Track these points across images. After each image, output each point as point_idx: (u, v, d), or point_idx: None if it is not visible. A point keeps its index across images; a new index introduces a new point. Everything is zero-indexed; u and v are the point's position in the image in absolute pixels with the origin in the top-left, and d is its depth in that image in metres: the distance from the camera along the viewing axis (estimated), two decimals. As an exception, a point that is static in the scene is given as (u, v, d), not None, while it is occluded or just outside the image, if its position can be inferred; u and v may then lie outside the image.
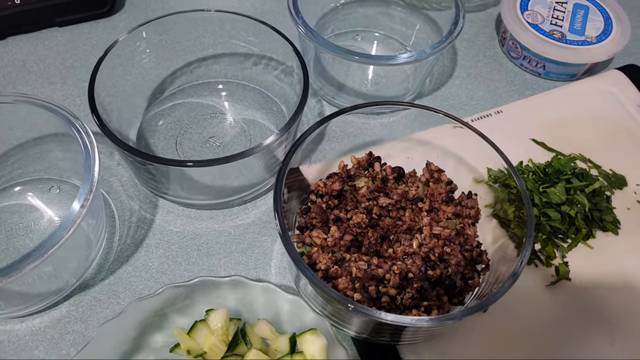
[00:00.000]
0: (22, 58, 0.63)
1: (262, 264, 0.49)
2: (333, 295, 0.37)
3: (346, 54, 0.51)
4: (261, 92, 0.61)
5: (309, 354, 0.40)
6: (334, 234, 0.45)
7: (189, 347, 0.41)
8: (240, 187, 0.51)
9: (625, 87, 0.62)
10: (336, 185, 0.48)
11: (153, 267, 0.49)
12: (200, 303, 0.44)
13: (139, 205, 0.52)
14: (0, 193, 0.52)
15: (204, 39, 0.59)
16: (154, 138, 0.56)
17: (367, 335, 0.43)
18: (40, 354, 0.44)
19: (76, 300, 0.47)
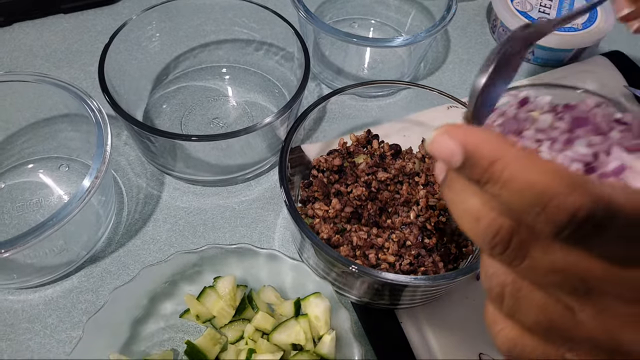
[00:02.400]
0: (29, 43, 0.65)
1: (266, 237, 0.51)
2: (337, 257, 0.39)
3: (345, 36, 0.54)
4: (263, 76, 0.63)
5: (312, 316, 0.42)
6: (335, 205, 0.47)
7: (198, 312, 0.44)
8: (244, 164, 0.53)
9: (610, 72, 0.65)
10: (336, 160, 0.50)
11: (161, 240, 0.51)
12: (207, 272, 0.46)
13: (146, 183, 0.54)
14: (11, 170, 0.53)
15: (207, 25, 0.61)
16: (159, 119, 0.58)
17: (368, 299, 0.45)
18: (54, 322, 0.46)
19: (87, 271, 0.49)
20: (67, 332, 0.45)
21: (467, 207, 0.22)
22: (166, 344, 0.45)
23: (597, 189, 0.19)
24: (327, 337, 0.41)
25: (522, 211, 0.20)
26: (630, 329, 0.21)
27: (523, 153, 0.20)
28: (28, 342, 0.44)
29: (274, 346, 0.42)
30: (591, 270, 0.20)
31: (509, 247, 0.21)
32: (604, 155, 0.25)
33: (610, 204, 0.19)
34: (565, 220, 0.19)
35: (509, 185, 0.20)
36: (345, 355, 0.41)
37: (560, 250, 0.21)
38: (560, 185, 0.19)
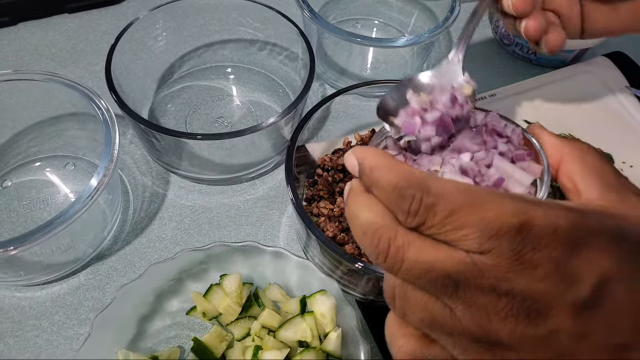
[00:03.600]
0: (34, 43, 0.65)
1: (270, 236, 0.52)
2: (342, 255, 0.39)
3: (349, 36, 0.54)
4: (267, 76, 0.63)
5: (318, 313, 0.42)
6: (340, 204, 0.48)
7: (204, 309, 0.44)
8: (249, 163, 0.54)
9: (611, 72, 0.65)
10: (341, 159, 0.50)
11: (166, 239, 0.51)
12: (214, 269, 0.46)
13: (151, 181, 0.55)
14: (18, 169, 0.54)
15: (211, 25, 0.62)
16: (164, 118, 0.59)
17: (373, 297, 0.46)
18: (61, 318, 0.46)
19: (94, 269, 0.49)
20: (75, 329, 0.45)
21: (359, 222, 0.26)
22: (172, 341, 0.45)
23: (429, 182, 0.24)
24: (333, 335, 0.42)
25: (389, 207, 0.25)
26: (497, 318, 0.23)
27: (391, 161, 0.26)
28: (35, 339, 0.45)
29: (281, 343, 0.42)
30: (452, 264, 0.24)
31: (388, 254, 0.25)
32: (486, 169, 0.31)
33: (434, 194, 0.24)
34: (406, 207, 0.24)
35: (377, 185, 0.26)
36: (351, 352, 0.42)
37: (428, 249, 0.24)
38: (405, 181, 0.24)
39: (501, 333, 0.23)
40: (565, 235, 0.23)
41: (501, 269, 0.23)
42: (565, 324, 0.23)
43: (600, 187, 0.28)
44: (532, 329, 0.23)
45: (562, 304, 0.23)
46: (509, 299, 0.23)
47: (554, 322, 0.23)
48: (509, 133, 0.33)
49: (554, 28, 0.44)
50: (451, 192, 0.24)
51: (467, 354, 0.25)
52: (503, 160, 0.31)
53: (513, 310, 0.23)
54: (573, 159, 0.30)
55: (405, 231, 0.25)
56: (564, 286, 0.23)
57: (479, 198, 0.24)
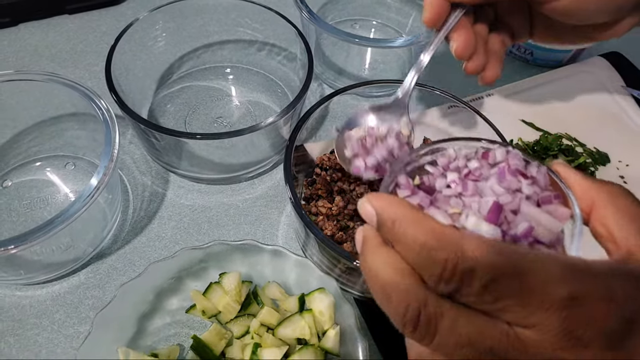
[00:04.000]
0: (34, 43, 0.65)
1: (269, 235, 0.52)
2: (341, 253, 0.40)
3: (347, 36, 0.55)
4: (266, 76, 0.64)
5: (317, 311, 0.43)
6: (338, 203, 0.48)
7: (204, 307, 0.44)
8: (247, 163, 0.54)
9: (608, 72, 0.66)
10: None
11: (166, 238, 0.51)
12: (213, 268, 0.46)
13: (151, 181, 0.55)
14: (18, 169, 0.54)
15: (210, 26, 0.62)
16: (163, 118, 0.59)
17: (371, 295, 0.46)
18: (61, 317, 0.46)
19: (94, 268, 0.49)
20: (75, 327, 0.46)
21: (379, 282, 0.24)
22: (172, 339, 0.46)
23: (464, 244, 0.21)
24: (332, 332, 0.42)
25: (415, 267, 0.23)
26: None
27: (416, 214, 0.23)
28: (36, 337, 0.45)
29: (279, 341, 0.42)
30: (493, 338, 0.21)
31: (418, 325, 0.23)
32: (512, 216, 0.28)
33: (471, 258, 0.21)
34: (438, 271, 0.22)
35: (401, 241, 0.23)
36: (349, 349, 0.42)
37: (465, 321, 0.22)
38: (434, 240, 0.22)
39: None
40: (620, 309, 0.21)
41: (548, 346, 0.21)
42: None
43: (636, 233, 0.26)
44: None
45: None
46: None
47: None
48: (533, 173, 0.30)
49: (491, 65, 0.48)
50: (490, 256, 0.21)
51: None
52: (530, 205, 0.28)
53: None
54: (605, 203, 0.27)
55: (437, 298, 0.22)
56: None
57: (522, 263, 0.21)
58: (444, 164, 0.32)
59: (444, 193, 0.29)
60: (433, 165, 0.32)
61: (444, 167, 0.32)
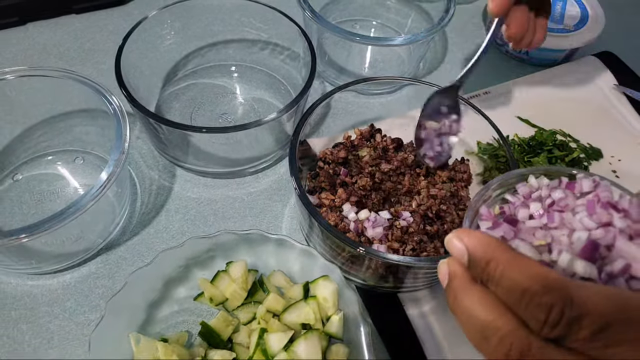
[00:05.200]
0: (42, 42, 0.67)
1: (273, 227, 0.54)
2: (345, 240, 0.41)
3: (349, 35, 0.56)
4: (269, 74, 0.65)
5: (321, 297, 0.44)
6: (341, 195, 0.50)
7: (212, 294, 0.46)
8: (252, 157, 0.56)
9: (600, 71, 0.68)
10: (342, 153, 0.52)
11: (173, 229, 0.53)
12: (220, 257, 0.48)
13: (158, 175, 0.56)
14: (29, 163, 0.55)
15: (215, 25, 0.64)
16: (170, 114, 0.61)
17: (373, 283, 0.48)
18: (72, 305, 0.48)
19: (103, 258, 0.51)
20: (85, 315, 0.47)
21: (476, 323, 0.23)
22: (180, 326, 0.47)
23: (571, 290, 0.21)
24: (335, 318, 0.44)
25: (516, 310, 0.22)
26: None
27: (512, 255, 0.23)
28: (48, 325, 0.46)
29: (285, 326, 0.44)
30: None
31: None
32: (606, 251, 0.27)
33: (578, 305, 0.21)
34: (544, 317, 0.21)
35: (501, 283, 0.23)
36: (352, 334, 0.43)
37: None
38: (538, 285, 0.22)
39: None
40: None
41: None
42: None
43: None
44: None
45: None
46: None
47: None
48: (625, 206, 0.29)
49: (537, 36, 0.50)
50: (599, 303, 0.21)
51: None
52: (624, 240, 0.27)
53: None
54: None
55: (541, 343, 0.22)
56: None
57: (633, 309, 0.21)
58: (525, 194, 0.31)
59: (528, 224, 0.29)
60: (513, 194, 0.31)
61: (525, 196, 0.31)
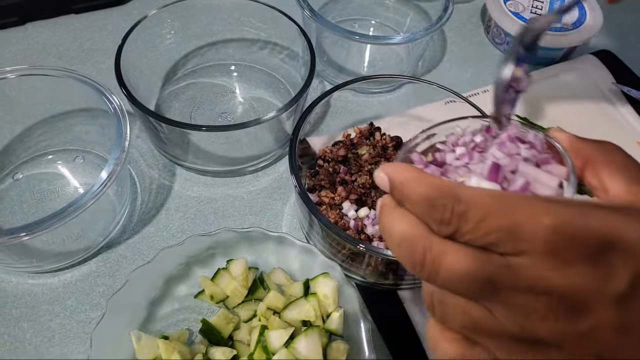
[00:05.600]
0: (42, 42, 0.67)
1: (274, 225, 0.54)
2: (345, 237, 0.42)
3: (348, 33, 0.57)
4: (268, 74, 0.66)
5: (321, 294, 0.45)
6: (340, 193, 0.50)
7: (212, 292, 0.46)
8: (252, 156, 0.56)
9: (598, 70, 0.68)
10: (341, 151, 0.53)
11: (173, 228, 0.53)
12: (220, 255, 0.48)
13: (158, 174, 0.57)
14: (29, 162, 0.55)
15: (214, 25, 0.64)
16: (169, 114, 0.61)
17: (373, 280, 0.48)
18: (73, 304, 0.48)
19: (104, 256, 0.51)
20: (86, 313, 0.47)
21: (393, 236, 0.27)
22: (181, 324, 0.47)
23: (459, 191, 0.25)
24: (336, 314, 0.44)
25: (422, 217, 0.26)
26: (536, 317, 0.23)
27: (419, 174, 0.27)
28: (49, 323, 0.47)
29: (285, 323, 0.44)
30: (489, 268, 0.24)
31: (425, 263, 0.25)
32: (512, 175, 0.30)
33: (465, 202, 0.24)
34: (439, 216, 0.25)
35: (409, 198, 0.27)
36: (352, 331, 0.44)
37: (464, 255, 0.25)
38: (435, 192, 0.25)
39: (542, 332, 0.23)
40: (599, 230, 0.23)
41: (537, 269, 0.23)
42: (607, 318, 0.23)
43: (626, 182, 0.28)
44: (573, 325, 0.23)
45: (602, 299, 0.23)
46: (547, 298, 0.23)
47: (595, 317, 0.23)
48: (531, 139, 0.33)
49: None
50: (482, 199, 0.24)
51: (511, 354, 0.25)
52: (527, 165, 0.31)
53: (552, 308, 0.23)
54: (598, 158, 0.30)
55: (440, 240, 0.25)
56: (601, 281, 0.23)
57: (510, 202, 0.24)
58: (453, 141, 0.34)
59: (454, 165, 0.32)
60: (444, 144, 0.35)
61: (453, 143, 0.34)
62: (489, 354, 0.26)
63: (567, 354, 0.24)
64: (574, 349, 0.23)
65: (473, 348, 0.26)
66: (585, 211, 0.24)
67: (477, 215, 0.24)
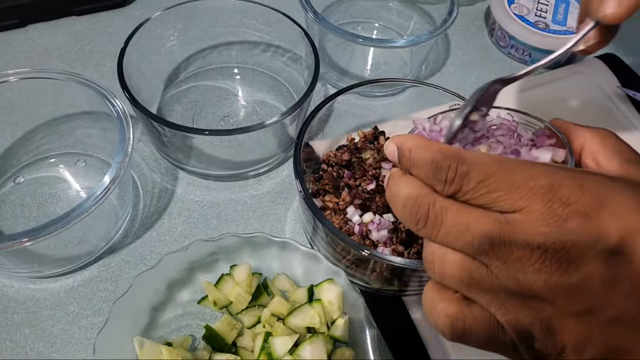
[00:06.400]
0: (43, 44, 0.66)
1: (277, 230, 0.54)
2: (350, 242, 0.41)
3: (351, 36, 0.56)
4: (271, 77, 0.65)
5: (326, 301, 0.44)
6: (345, 197, 0.49)
7: (215, 298, 0.45)
8: (254, 160, 0.56)
9: (604, 73, 0.68)
10: (345, 155, 0.52)
11: (176, 233, 0.53)
12: (223, 261, 0.48)
13: (160, 178, 0.56)
14: (30, 165, 0.55)
15: (217, 27, 0.63)
16: (171, 117, 0.60)
17: (378, 286, 0.47)
18: (75, 309, 0.48)
19: (106, 261, 0.50)
20: (89, 319, 0.47)
21: (399, 199, 0.29)
22: (184, 330, 0.47)
23: (464, 154, 0.27)
24: (340, 321, 0.43)
25: (427, 180, 0.28)
26: (531, 270, 0.25)
27: (425, 141, 0.29)
28: (51, 329, 0.46)
29: (290, 330, 0.44)
30: (487, 224, 0.26)
31: (428, 218, 0.27)
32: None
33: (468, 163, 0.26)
34: (444, 176, 0.27)
35: (416, 163, 0.29)
36: (357, 338, 0.43)
37: (464, 212, 0.26)
38: (441, 155, 0.27)
39: (536, 285, 0.25)
40: (591, 191, 0.25)
41: (533, 224, 0.25)
42: (596, 271, 0.24)
43: (620, 161, 0.31)
44: (565, 278, 0.24)
45: (592, 253, 0.24)
46: (541, 251, 0.24)
47: (586, 270, 0.24)
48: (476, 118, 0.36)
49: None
50: (484, 161, 0.26)
51: (505, 309, 0.26)
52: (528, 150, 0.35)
53: (546, 262, 0.24)
54: (594, 141, 0.33)
55: (443, 198, 0.27)
56: (593, 237, 0.24)
57: (510, 164, 0.26)
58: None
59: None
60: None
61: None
62: (484, 312, 0.27)
63: (558, 309, 0.25)
64: (564, 303, 0.25)
65: (470, 306, 0.27)
66: (579, 175, 0.26)
67: (480, 175, 0.26)
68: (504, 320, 0.26)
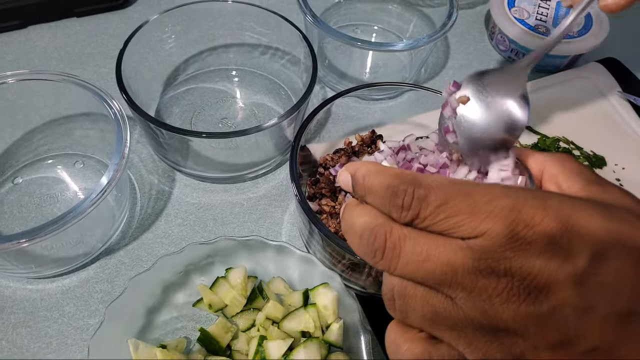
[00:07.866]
0: (43, 45, 0.67)
1: (273, 232, 0.54)
2: (346, 247, 0.41)
3: (350, 40, 0.56)
4: (269, 79, 0.65)
5: (321, 305, 0.44)
6: (341, 201, 0.49)
7: (211, 300, 0.45)
8: (252, 163, 0.56)
9: (604, 78, 0.68)
10: (342, 159, 0.52)
11: (173, 234, 0.53)
12: (219, 264, 0.48)
13: (157, 179, 0.56)
14: (28, 166, 0.55)
15: (215, 29, 0.64)
16: (170, 119, 0.61)
17: (373, 291, 0.47)
18: (71, 310, 0.48)
19: (102, 262, 0.51)
20: (84, 320, 0.47)
21: (354, 229, 0.27)
22: (179, 332, 0.47)
23: (420, 178, 0.26)
24: (335, 325, 0.43)
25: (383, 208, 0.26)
26: (499, 300, 0.23)
27: (379, 167, 0.28)
28: (47, 329, 0.46)
29: (284, 333, 0.44)
30: (449, 252, 0.24)
31: (385, 249, 0.25)
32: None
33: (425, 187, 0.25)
34: (400, 202, 0.25)
35: (371, 190, 0.27)
36: (352, 342, 0.43)
37: (424, 240, 0.25)
38: (397, 180, 0.26)
39: (505, 316, 0.23)
40: (555, 211, 0.23)
41: (497, 250, 0.23)
42: (568, 297, 0.22)
43: (581, 182, 0.30)
44: (535, 307, 0.23)
45: (562, 277, 0.22)
46: (508, 279, 0.23)
47: (557, 297, 0.22)
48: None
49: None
50: (442, 183, 0.25)
51: (474, 346, 0.24)
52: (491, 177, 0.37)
53: (514, 290, 0.23)
54: (554, 164, 0.32)
55: (400, 226, 0.25)
56: (561, 259, 0.23)
57: (469, 187, 0.25)
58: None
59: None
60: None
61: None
62: (452, 351, 0.25)
63: (531, 342, 0.23)
64: (536, 335, 0.23)
65: (437, 346, 0.26)
66: (541, 195, 0.25)
67: (438, 199, 0.24)
68: (473, 358, 0.24)
